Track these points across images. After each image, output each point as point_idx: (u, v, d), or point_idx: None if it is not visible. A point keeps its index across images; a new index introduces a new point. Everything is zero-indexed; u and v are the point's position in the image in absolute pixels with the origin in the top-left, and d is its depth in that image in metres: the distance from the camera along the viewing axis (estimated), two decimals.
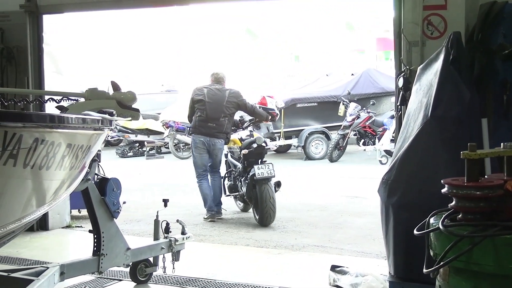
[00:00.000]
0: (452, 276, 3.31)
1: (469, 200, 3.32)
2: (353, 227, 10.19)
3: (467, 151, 3.36)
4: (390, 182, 6.24)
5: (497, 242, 3.13)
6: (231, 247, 9.02)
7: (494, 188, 3.27)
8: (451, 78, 6.12)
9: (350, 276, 6.89)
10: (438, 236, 3.35)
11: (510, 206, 3.26)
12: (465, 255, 3.16)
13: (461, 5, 7.29)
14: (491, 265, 3.15)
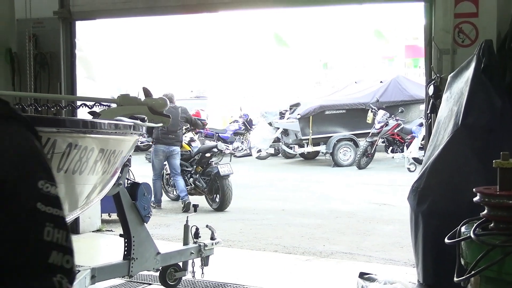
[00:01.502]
0: (483, 286, 3.28)
1: (501, 209, 3.29)
2: (381, 234, 10.13)
3: (500, 160, 3.34)
4: (420, 189, 6.21)
5: None
6: (260, 253, 9.02)
7: None
8: (482, 86, 6.09)
9: (379, 283, 6.86)
10: (469, 245, 3.32)
11: None
12: (497, 264, 3.13)
13: (492, 13, 7.24)
14: None
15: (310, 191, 15.08)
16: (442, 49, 7.46)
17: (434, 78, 7.47)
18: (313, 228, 10.76)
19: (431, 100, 7.46)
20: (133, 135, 6.13)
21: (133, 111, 6.66)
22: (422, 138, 15.65)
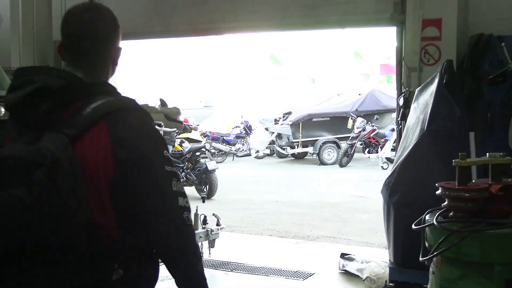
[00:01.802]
0: (443, 264, 3.30)
1: (459, 201, 3.31)
2: (359, 221, 10.18)
3: (458, 160, 3.36)
4: (391, 184, 6.23)
5: (482, 236, 3.12)
6: (257, 237, 9.06)
7: (480, 191, 3.26)
8: (444, 98, 6.11)
9: (357, 262, 6.88)
10: (432, 230, 3.34)
11: (493, 206, 3.24)
12: (455, 247, 3.15)
13: (453, 37, 7.25)
14: (476, 256, 3.14)
15: (300, 185, 15.12)
16: (411, 67, 7.47)
17: (403, 92, 7.48)
18: (302, 216, 10.80)
19: (401, 109, 7.47)
20: None
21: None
22: (394, 141, 15.67)
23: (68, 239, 2.01)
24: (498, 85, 6.65)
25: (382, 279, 6.32)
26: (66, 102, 2.14)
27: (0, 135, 2.25)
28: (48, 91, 2.10)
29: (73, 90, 2.16)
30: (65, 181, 1.99)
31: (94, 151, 2.11)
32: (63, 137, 2.06)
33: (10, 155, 2.01)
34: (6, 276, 2.07)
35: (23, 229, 1.95)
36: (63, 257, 2.02)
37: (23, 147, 2.04)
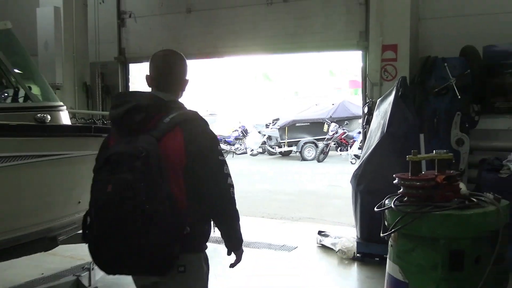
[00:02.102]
0: (399, 239, 3.32)
1: (411, 188, 3.33)
2: (333, 206, 10.16)
3: (411, 156, 3.39)
4: (358, 176, 6.27)
5: (430, 216, 3.14)
6: (252, 218, 9.01)
7: (428, 180, 3.28)
8: (400, 107, 6.15)
9: (331, 238, 6.90)
10: (390, 212, 3.35)
11: (439, 192, 3.26)
12: (408, 225, 3.17)
13: (406, 58, 7.29)
14: (425, 232, 3.16)
15: (286, 177, 15.12)
16: (373, 82, 7.50)
17: (368, 102, 7.50)
18: (287, 202, 10.80)
19: (366, 116, 7.50)
20: None
21: None
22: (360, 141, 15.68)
23: (157, 206, 2.44)
24: (442, 96, 6.69)
25: (351, 251, 6.35)
26: (152, 114, 2.62)
27: (105, 139, 2.82)
28: (140, 108, 2.59)
29: (157, 106, 2.64)
30: (154, 167, 2.47)
31: (172, 147, 2.58)
32: (151, 138, 2.54)
33: (118, 151, 2.54)
34: (113, 232, 2.51)
35: (129, 200, 2.42)
36: (153, 219, 2.44)
37: (126, 145, 2.55)
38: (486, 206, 3.20)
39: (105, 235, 2.53)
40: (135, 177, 2.43)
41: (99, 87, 10.32)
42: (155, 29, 10.15)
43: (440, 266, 3.09)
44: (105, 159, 2.57)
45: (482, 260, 3.07)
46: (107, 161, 2.56)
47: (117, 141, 2.67)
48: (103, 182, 2.52)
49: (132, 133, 2.59)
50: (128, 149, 2.51)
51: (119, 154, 2.53)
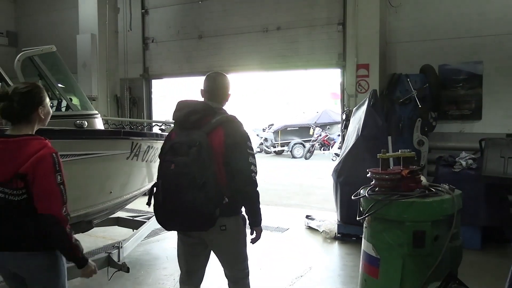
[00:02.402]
0: (372, 222, 3.27)
1: (382, 180, 3.28)
2: (318, 194, 10.11)
3: (381, 154, 3.35)
4: (338, 170, 6.23)
5: (397, 203, 3.10)
6: None
7: (395, 174, 3.24)
8: (371, 114, 6.11)
9: (316, 221, 6.86)
10: (365, 200, 3.31)
11: (404, 184, 3.21)
12: (379, 210, 3.13)
13: (376, 75, 7.27)
14: (393, 216, 3.11)
15: (279, 171, 15.07)
16: (350, 94, 7.48)
17: (345, 110, 7.48)
18: (280, 191, 10.72)
19: (344, 122, 7.48)
20: None
21: None
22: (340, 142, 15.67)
23: (204, 180, 2.81)
24: (406, 105, 6.67)
25: (332, 231, 6.31)
26: (204, 117, 3.00)
27: (169, 134, 3.18)
28: (196, 112, 3.00)
29: (207, 111, 3.03)
30: (204, 153, 2.85)
31: (216, 140, 2.94)
32: (203, 133, 2.93)
33: (179, 141, 2.93)
34: (173, 198, 2.85)
35: (186, 175, 2.81)
36: (201, 189, 2.80)
37: (185, 137, 2.93)
38: (443, 195, 3.16)
39: (167, 200, 2.89)
40: (190, 159, 2.82)
41: (127, 98, 10.30)
42: (173, 52, 10.12)
43: (406, 244, 3.04)
44: (170, 146, 2.97)
45: (440, 239, 3.03)
46: (171, 148, 2.95)
47: (178, 134, 3.01)
48: (168, 162, 2.91)
49: (189, 129, 2.96)
50: (187, 140, 2.90)
51: (180, 143, 2.90)
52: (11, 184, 2.38)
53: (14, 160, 2.38)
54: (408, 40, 7.50)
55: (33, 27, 12.27)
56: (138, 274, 4.93)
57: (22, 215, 2.42)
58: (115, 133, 4.72)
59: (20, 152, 2.39)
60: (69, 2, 11.24)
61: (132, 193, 4.88)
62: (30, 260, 2.47)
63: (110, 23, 9.79)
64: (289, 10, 8.74)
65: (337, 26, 8.20)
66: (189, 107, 3.04)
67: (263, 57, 9.09)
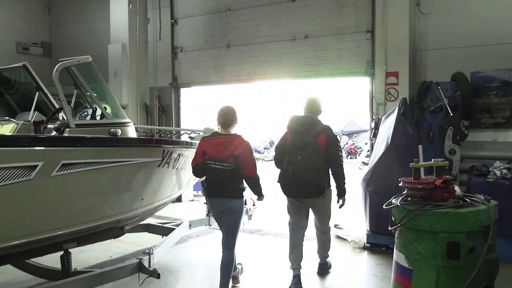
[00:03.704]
0: (404, 232, 3.23)
1: (414, 190, 3.25)
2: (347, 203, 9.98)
3: (413, 163, 3.31)
4: (367, 179, 6.16)
5: (430, 213, 3.06)
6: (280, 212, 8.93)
7: (428, 183, 3.20)
8: (401, 122, 6.03)
9: (345, 230, 6.80)
10: (397, 209, 3.27)
11: (437, 193, 3.18)
12: (412, 220, 3.10)
13: (406, 82, 7.22)
14: (426, 226, 3.07)
15: None
16: (379, 102, 7.42)
17: (374, 118, 7.42)
18: None
19: (373, 130, 7.41)
20: None
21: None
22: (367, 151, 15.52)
23: (318, 166, 4.44)
24: (436, 114, 6.58)
25: (361, 241, 6.24)
26: (311, 125, 4.63)
27: (284, 137, 4.71)
28: (306, 123, 4.64)
29: (313, 122, 4.67)
30: (316, 149, 4.46)
31: (320, 140, 4.51)
32: (312, 136, 4.52)
33: (299, 142, 4.52)
34: (299, 177, 4.55)
35: (307, 163, 4.44)
36: (316, 171, 4.46)
37: (301, 139, 4.53)
38: (478, 205, 3.10)
39: (296, 179, 4.48)
40: (308, 153, 4.45)
41: (157, 107, 10.48)
42: (201, 61, 10.26)
43: (439, 255, 2.99)
44: (292, 145, 4.54)
45: (476, 251, 2.97)
46: (293, 146, 4.53)
47: (294, 137, 4.59)
48: (295, 154, 4.49)
49: (302, 133, 4.57)
50: (303, 141, 4.51)
51: (300, 143, 4.52)
52: (228, 160, 4.16)
53: (229, 147, 4.19)
54: (438, 47, 7.41)
55: (66, 38, 12.65)
56: (167, 280, 4.98)
57: (230, 178, 4.19)
58: (147, 141, 4.80)
59: (232, 143, 4.22)
60: (101, 13, 11.56)
61: (162, 200, 4.93)
62: (232, 203, 4.24)
63: (140, 33, 10.01)
64: (317, 19, 8.76)
65: (366, 34, 8.17)
66: (300, 119, 4.69)
67: (291, 65, 9.13)
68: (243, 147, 4.16)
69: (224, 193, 4.19)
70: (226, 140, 4.20)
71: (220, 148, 4.17)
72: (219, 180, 4.18)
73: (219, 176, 4.17)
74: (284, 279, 5.07)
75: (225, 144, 4.18)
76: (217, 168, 4.17)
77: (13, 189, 3.06)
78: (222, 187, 4.19)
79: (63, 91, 3.82)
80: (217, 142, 4.22)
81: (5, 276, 4.98)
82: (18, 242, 3.24)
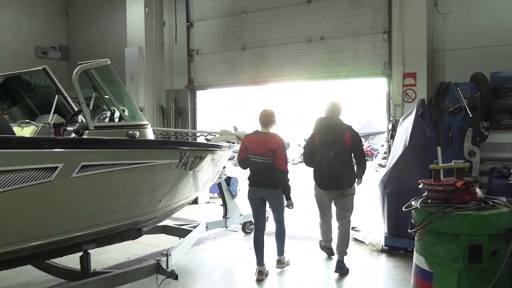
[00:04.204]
0: (425, 234, 3.19)
1: (434, 192, 3.21)
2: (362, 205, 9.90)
3: (433, 165, 3.27)
4: (385, 181, 6.10)
5: (451, 216, 3.02)
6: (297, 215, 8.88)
7: (449, 185, 3.16)
8: (419, 124, 5.96)
9: (362, 232, 6.74)
10: (417, 211, 3.24)
11: (457, 195, 3.14)
12: (433, 222, 3.06)
13: (424, 84, 7.14)
14: (447, 229, 3.03)
15: None
16: (396, 104, 7.35)
17: (391, 120, 7.36)
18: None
19: (390, 132, 7.35)
20: (228, 151, 6.14)
21: (228, 138, 6.72)
22: (384, 153, 15.40)
23: (347, 159, 5.14)
24: (455, 115, 6.50)
25: (379, 244, 6.17)
26: (337, 126, 5.22)
27: (312, 136, 5.35)
28: (333, 123, 5.23)
29: (339, 123, 5.25)
30: (344, 145, 5.08)
31: (347, 138, 5.12)
32: (339, 134, 5.14)
33: (328, 139, 5.11)
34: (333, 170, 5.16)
35: (339, 157, 5.07)
36: (346, 164, 5.16)
37: (329, 138, 5.12)
38: (500, 207, 3.05)
39: (329, 171, 5.13)
40: (338, 149, 5.09)
41: (173, 109, 10.54)
42: (217, 63, 10.29)
43: (461, 258, 2.95)
44: (322, 142, 5.17)
45: (498, 254, 2.92)
46: (324, 143, 5.15)
47: (322, 136, 5.20)
48: (328, 151, 5.12)
49: (329, 132, 5.17)
50: (332, 138, 5.14)
51: (329, 140, 5.14)
52: (266, 154, 4.98)
53: (268, 144, 5.00)
54: (457, 48, 7.32)
55: (83, 42, 12.83)
56: (184, 282, 4.99)
57: (270, 170, 4.96)
58: (164, 143, 4.83)
59: (270, 140, 5.02)
60: (117, 17, 11.69)
61: (179, 202, 4.94)
62: (274, 192, 5.05)
63: (156, 36, 10.09)
64: (333, 20, 8.72)
65: (382, 35, 8.11)
66: (327, 120, 5.30)
67: (307, 67, 9.10)
68: (279, 143, 4.99)
69: (264, 184, 5.04)
70: (265, 137, 5.04)
71: (260, 144, 5.01)
72: (260, 172, 5.02)
73: (259, 169, 5.02)
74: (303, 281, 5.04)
75: (264, 140, 5.02)
76: (258, 162, 5.02)
77: (34, 190, 3.10)
78: (262, 178, 5.03)
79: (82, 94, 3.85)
80: (257, 139, 5.07)
81: (26, 277, 5.05)
82: (39, 243, 3.28)
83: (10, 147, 3.00)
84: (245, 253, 6.21)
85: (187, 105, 10.60)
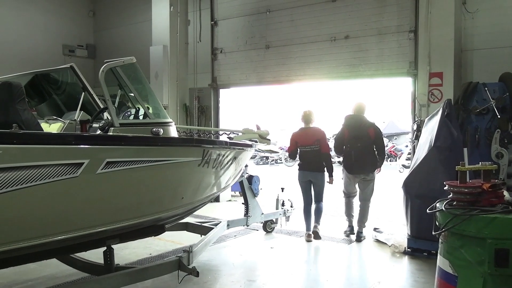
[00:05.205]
0: (449, 237, 3.13)
1: (460, 194, 3.14)
2: (385, 206, 9.82)
3: (460, 166, 3.20)
4: (409, 182, 6.01)
5: (477, 218, 2.95)
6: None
7: (475, 187, 3.09)
8: (445, 124, 5.85)
9: (385, 234, 6.67)
10: (441, 213, 3.18)
11: (484, 198, 3.06)
12: (458, 225, 3.00)
13: (450, 83, 7.01)
14: (473, 232, 2.96)
15: None
16: (422, 104, 7.24)
17: (416, 120, 7.24)
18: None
19: (415, 132, 7.24)
20: (251, 150, 6.14)
21: (251, 137, 6.73)
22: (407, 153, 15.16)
23: (371, 149, 6.54)
24: (483, 116, 6.36)
25: (402, 246, 6.09)
26: (363, 122, 6.54)
27: (342, 131, 6.71)
28: (359, 120, 6.53)
29: (364, 120, 6.53)
30: (368, 138, 6.49)
31: (371, 133, 6.46)
32: (366, 129, 6.50)
33: (356, 134, 6.51)
34: (361, 158, 6.56)
35: (365, 148, 6.51)
36: (371, 153, 6.55)
37: (357, 133, 6.48)
38: None
39: (358, 159, 6.45)
40: (365, 140, 6.40)
41: (196, 107, 10.62)
42: (240, 62, 10.31)
43: (487, 262, 2.88)
44: (352, 137, 6.47)
45: None
46: (354, 137, 6.45)
47: (351, 131, 6.51)
48: (356, 142, 6.45)
49: (356, 128, 6.44)
50: (359, 133, 6.42)
51: (357, 134, 6.43)
52: (314, 144, 6.58)
53: (314, 135, 6.61)
54: (485, 47, 7.16)
55: (110, 40, 13.04)
56: (205, 279, 5.03)
57: (316, 156, 6.56)
58: (187, 140, 4.85)
59: (315, 132, 6.62)
60: (143, 16, 11.84)
61: (201, 200, 4.97)
62: (320, 175, 6.60)
63: (181, 34, 10.18)
64: (358, 19, 8.64)
65: (408, 34, 7.99)
66: (354, 117, 6.57)
67: (331, 66, 9.03)
68: (322, 133, 6.63)
69: (311, 168, 6.58)
70: (310, 131, 6.67)
71: (307, 136, 6.62)
72: (309, 158, 6.59)
73: (308, 156, 6.60)
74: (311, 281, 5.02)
75: (310, 133, 6.64)
76: (307, 150, 6.61)
77: (60, 185, 3.16)
78: (309, 164, 6.59)
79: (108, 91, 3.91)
80: (305, 133, 6.69)
81: (51, 270, 5.17)
82: (64, 237, 3.35)
83: (37, 143, 3.06)
84: (266, 251, 6.22)
85: (210, 103, 10.66)
